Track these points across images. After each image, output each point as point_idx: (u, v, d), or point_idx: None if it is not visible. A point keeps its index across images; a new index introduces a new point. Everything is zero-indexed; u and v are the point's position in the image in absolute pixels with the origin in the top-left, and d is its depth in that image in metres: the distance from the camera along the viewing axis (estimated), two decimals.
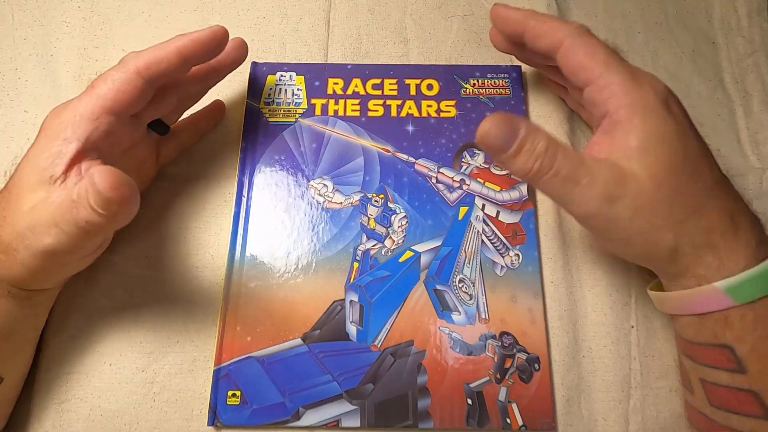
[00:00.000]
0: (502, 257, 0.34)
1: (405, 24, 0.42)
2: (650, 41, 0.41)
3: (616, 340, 0.33)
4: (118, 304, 0.34)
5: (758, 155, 0.38)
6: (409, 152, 0.37)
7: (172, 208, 0.36)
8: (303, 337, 0.32)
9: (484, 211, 0.36)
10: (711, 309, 0.25)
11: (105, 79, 0.28)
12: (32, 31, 0.41)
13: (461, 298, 0.33)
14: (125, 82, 0.28)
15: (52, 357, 0.33)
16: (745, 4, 0.42)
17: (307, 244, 0.35)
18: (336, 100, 0.38)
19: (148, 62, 0.28)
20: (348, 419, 0.31)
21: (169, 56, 0.29)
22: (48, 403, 0.32)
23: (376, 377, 0.32)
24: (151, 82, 0.29)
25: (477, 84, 0.39)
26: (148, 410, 0.32)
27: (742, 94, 0.40)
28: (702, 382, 0.27)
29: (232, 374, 0.32)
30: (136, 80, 0.28)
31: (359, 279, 0.34)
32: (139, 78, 0.28)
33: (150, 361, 0.33)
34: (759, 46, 0.41)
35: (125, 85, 0.28)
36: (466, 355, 0.32)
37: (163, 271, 0.35)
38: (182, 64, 0.29)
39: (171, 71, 0.29)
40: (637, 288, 0.34)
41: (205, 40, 0.30)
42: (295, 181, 0.36)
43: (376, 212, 0.36)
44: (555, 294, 0.34)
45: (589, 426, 0.32)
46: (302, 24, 0.42)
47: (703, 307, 0.26)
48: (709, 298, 0.25)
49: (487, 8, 0.42)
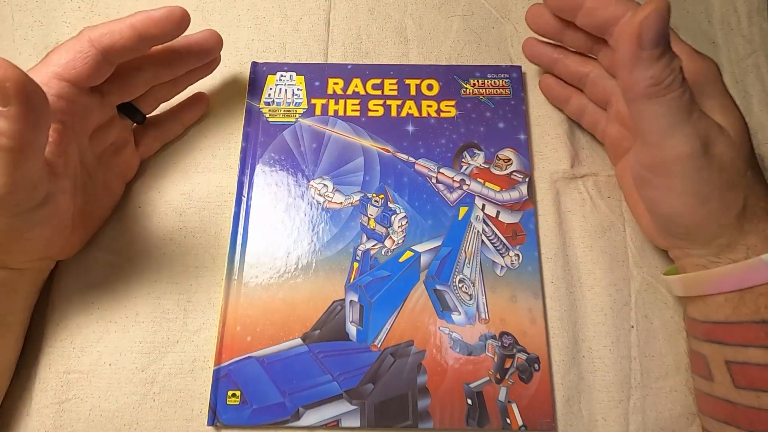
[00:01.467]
0: (502, 257, 0.34)
1: (405, 24, 0.42)
2: None
3: (616, 340, 0.33)
4: (117, 303, 0.34)
5: (758, 155, 0.38)
6: (409, 152, 0.37)
7: (172, 207, 0.36)
8: (303, 337, 0.32)
9: (484, 211, 0.36)
10: (758, 282, 0.26)
11: (58, 49, 0.29)
12: (32, 31, 0.41)
13: (461, 298, 0.33)
14: (77, 51, 0.28)
15: (52, 357, 0.33)
16: (745, 4, 0.42)
17: (307, 244, 0.35)
18: (336, 100, 0.38)
19: (101, 33, 0.29)
20: (348, 419, 0.31)
21: (122, 29, 0.29)
22: (48, 403, 0.32)
23: (376, 377, 0.32)
24: (105, 54, 0.29)
25: (477, 84, 0.39)
26: (148, 410, 0.32)
27: (742, 94, 0.40)
28: (728, 365, 0.27)
29: (232, 374, 0.32)
30: (88, 49, 0.28)
31: (359, 279, 0.34)
32: (91, 47, 0.28)
33: (150, 361, 0.33)
34: (759, 46, 0.41)
35: (77, 54, 0.28)
36: (466, 355, 0.32)
37: (163, 272, 0.35)
38: (138, 41, 0.29)
39: (126, 47, 0.29)
40: (637, 288, 0.34)
41: (161, 18, 0.30)
42: (295, 181, 0.36)
43: (376, 212, 0.36)
44: (555, 294, 0.34)
45: (589, 426, 0.32)
46: (302, 24, 0.42)
47: (752, 279, 0.26)
48: (758, 270, 0.26)
49: (488, 8, 0.42)
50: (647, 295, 0.34)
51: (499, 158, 0.37)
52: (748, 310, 0.26)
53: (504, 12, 0.42)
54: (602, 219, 0.36)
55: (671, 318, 0.34)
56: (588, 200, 0.37)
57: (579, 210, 0.36)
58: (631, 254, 0.35)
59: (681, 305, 0.34)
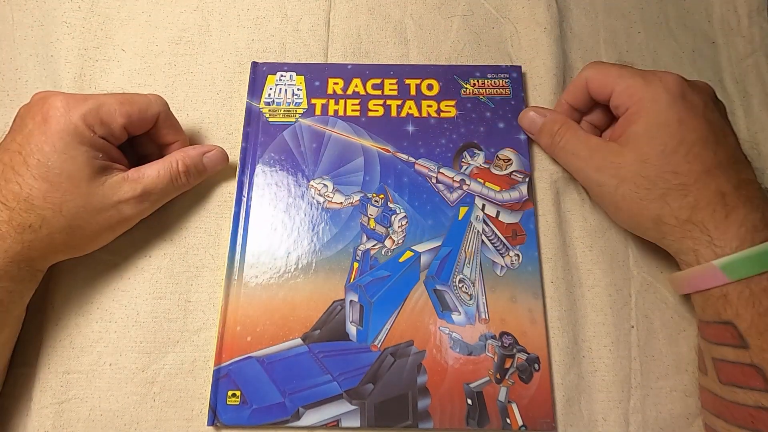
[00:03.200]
0: (502, 257, 0.34)
1: (405, 24, 0.42)
2: (650, 41, 0.41)
3: (616, 340, 0.33)
4: (118, 303, 0.34)
5: (758, 155, 0.38)
6: (409, 152, 0.37)
7: (172, 208, 0.36)
8: (303, 337, 0.32)
9: (484, 211, 0.36)
10: (709, 285, 0.28)
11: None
12: (32, 31, 0.41)
13: (461, 298, 0.33)
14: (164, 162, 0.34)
15: (52, 357, 0.32)
16: (745, 4, 0.42)
17: (307, 244, 0.35)
18: (336, 100, 0.38)
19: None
20: (348, 419, 0.31)
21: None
22: (48, 403, 0.32)
23: (376, 377, 0.32)
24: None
25: (477, 84, 0.39)
26: (148, 410, 0.32)
27: (742, 94, 0.40)
28: (713, 361, 0.29)
29: (232, 374, 0.32)
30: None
31: (359, 279, 0.34)
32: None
33: (150, 361, 0.33)
34: (759, 46, 0.41)
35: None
36: (466, 355, 0.32)
37: (163, 272, 0.35)
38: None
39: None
40: (637, 288, 0.34)
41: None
42: (295, 181, 0.36)
43: (376, 212, 0.36)
44: (555, 294, 0.34)
45: (589, 426, 0.32)
46: (302, 24, 0.42)
47: (703, 283, 0.28)
48: (706, 275, 0.28)
49: (487, 8, 0.42)
50: (647, 295, 0.34)
51: (499, 158, 0.37)
52: (712, 311, 0.28)
53: (504, 12, 0.42)
54: (602, 219, 0.36)
55: (671, 318, 0.34)
56: (588, 200, 0.37)
57: (579, 210, 0.36)
58: (631, 254, 0.35)
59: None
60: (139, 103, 0.32)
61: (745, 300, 0.26)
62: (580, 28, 0.42)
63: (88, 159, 0.30)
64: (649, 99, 0.30)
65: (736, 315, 0.27)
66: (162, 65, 0.40)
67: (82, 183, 0.30)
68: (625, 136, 0.31)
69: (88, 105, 0.30)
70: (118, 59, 0.40)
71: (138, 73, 0.40)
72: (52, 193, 0.29)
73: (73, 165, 0.29)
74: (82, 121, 0.30)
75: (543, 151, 0.37)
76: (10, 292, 0.29)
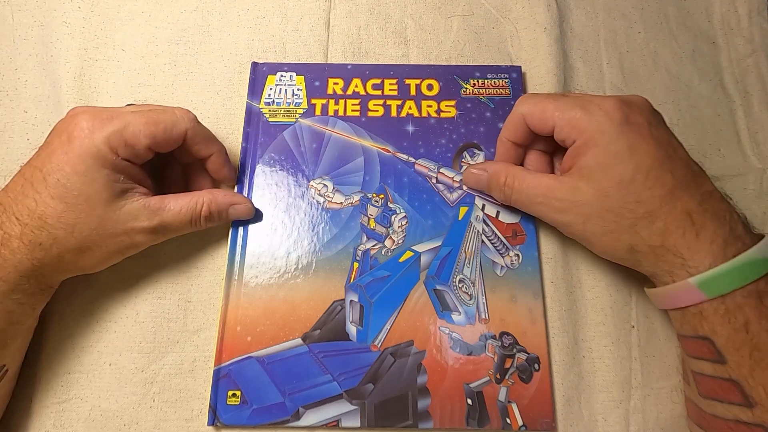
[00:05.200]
0: (502, 257, 0.34)
1: (405, 24, 0.42)
2: (650, 41, 0.41)
3: (617, 340, 0.33)
4: (118, 303, 0.34)
5: (758, 155, 0.38)
6: (409, 152, 0.37)
7: None
8: (303, 337, 0.32)
9: (484, 212, 0.36)
10: (686, 303, 0.28)
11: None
12: (32, 31, 0.41)
13: (461, 298, 0.33)
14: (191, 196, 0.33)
15: (52, 357, 0.33)
16: (745, 4, 0.42)
17: (307, 244, 0.35)
18: (336, 100, 0.38)
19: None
20: (348, 419, 0.31)
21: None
22: (48, 403, 0.32)
23: (376, 377, 0.32)
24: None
25: (477, 84, 0.39)
26: (148, 410, 0.32)
27: (742, 94, 0.40)
28: (693, 374, 0.29)
29: (232, 374, 0.32)
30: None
31: (359, 279, 0.34)
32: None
33: (150, 361, 0.33)
34: (759, 46, 0.41)
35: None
36: (466, 355, 0.32)
37: (163, 272, 0.35)
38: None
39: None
40: (637, 288, 0.34)
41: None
42: (295, 181, 0.36)
43: (376, 212, 0.36)
44: (555, 294, 0.34)
45: (589, 426, 0.32)
46: (302, 24, 0.42)
47: (680, 301, 0.28)
48: (682, 293, 0.28)
49: (488, 8, 0.42)
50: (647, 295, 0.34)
51: None
52: (689, 327, 0.28)
53: (504, 12, 0.42)
54: None
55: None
56: None
57: None
58: None
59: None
60: (165, 122, 0.31)
61: (721, 316, 0.26)
62: (580, 28, 0.42)
63: (108, 182, 0.29)
64: (595, 130, 0.29)
65: (713, 331, 0.27)
66: (162, 65, 0.40)
67: (99, 206, 0.29)
68: (576, 168, 0.30)
69: (113, 126, 0.30)
70: (118, 59, 0.40)
71: (138, 73, 0.40)
72: (66, 213, 0.29)
73: (92, 188, 0.29)
74: (106, 143, 0.29)
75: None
76: (21, 304, 0.29)
